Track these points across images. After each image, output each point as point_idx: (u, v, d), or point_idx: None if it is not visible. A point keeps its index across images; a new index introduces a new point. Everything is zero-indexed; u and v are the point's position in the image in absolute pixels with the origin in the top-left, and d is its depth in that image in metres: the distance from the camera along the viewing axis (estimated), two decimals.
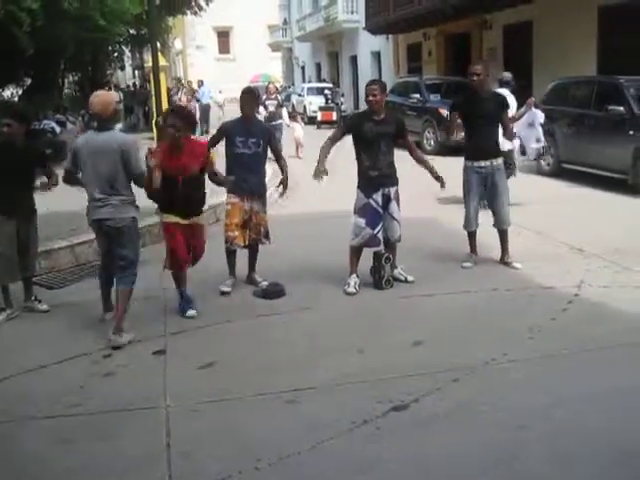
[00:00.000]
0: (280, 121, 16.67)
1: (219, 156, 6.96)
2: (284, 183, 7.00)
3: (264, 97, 16.67)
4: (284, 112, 17.43)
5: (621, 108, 11.58)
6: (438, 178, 6.92)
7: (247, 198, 6.73)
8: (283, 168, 7.01)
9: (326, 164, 6.59)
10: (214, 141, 6.91)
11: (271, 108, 16.62)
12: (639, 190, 11.12)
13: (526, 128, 10.54)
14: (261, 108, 15.63)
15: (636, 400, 4.35)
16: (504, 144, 10.14)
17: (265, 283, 6.81)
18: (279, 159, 7.07)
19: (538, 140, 10.77)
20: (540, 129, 10.71)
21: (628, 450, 3.76)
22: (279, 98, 17.42)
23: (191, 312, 6.13)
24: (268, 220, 6.96)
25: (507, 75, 10.92)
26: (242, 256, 6.97)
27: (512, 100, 10.37)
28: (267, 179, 7.33)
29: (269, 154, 6.93)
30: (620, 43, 16.49)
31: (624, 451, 3.75)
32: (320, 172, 6.55)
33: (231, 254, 6.91)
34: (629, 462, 3.66)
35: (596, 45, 17.44)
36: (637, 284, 6.65)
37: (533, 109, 10.37)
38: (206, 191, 6.37)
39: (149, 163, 5.84)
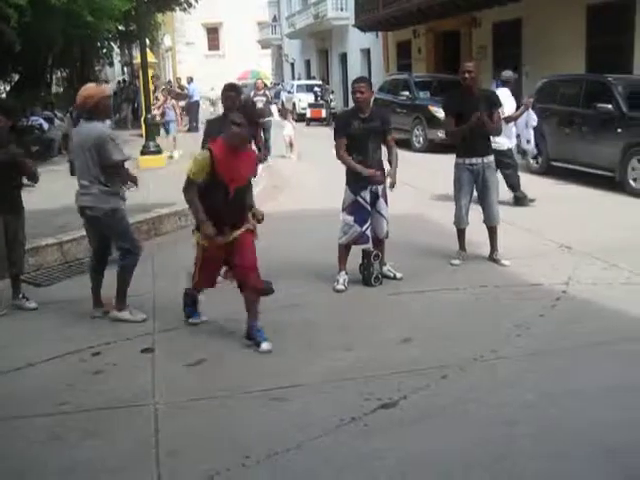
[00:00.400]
0: (269, 119, 16.23)
1: None
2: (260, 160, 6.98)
3: (252, 93, 16.38)
4: (274, 109, 17.12)
5: (609, 106, 11.64)
6: (392, 180, 6.83)
7: None
8: (260, 157, 7.06)
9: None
10: (203, 142, 6.85)
11: (259, 105, 15.65)
12: (627, 187, 11.18)
13: (524, 128, 10.59)
14: None
15: (624, 396, 4.36)
16: (504, 142, 10.20)
17: (267, 280, 6.81)
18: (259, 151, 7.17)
19: (528, 141, 10.80)
20: (532, 131, 10.74)
21: (616, 447, 3.77)
22: (268, 94, 16.98)
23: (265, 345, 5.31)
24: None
25: (508, 74, 10.88)
26: None
27: (511, 100, 10.39)
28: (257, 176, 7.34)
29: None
30: (608, 41, 16.58)
31: (612, 448, 3.76)
32: (369, 171, 6.53)
33: None
34: (616, 458, 3.67)
35: (585, 43, 17.51)
36: (624, 281, 6.69)
37: (530, 110, 10.43)
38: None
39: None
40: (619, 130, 11.35)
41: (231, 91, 6.82)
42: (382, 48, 30.49)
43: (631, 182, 11.18)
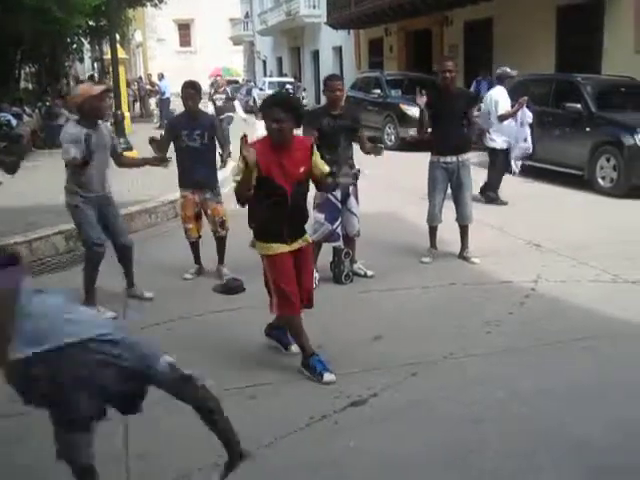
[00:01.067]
0: (229, 114, 15.65)
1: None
2: (224, 161, 7.02)
3: (212, 92, 16.08)
4: (237, 105, 16.54)
5: (578, 105, 11.76)
6: (378, 148, 6.86)
7: (197, 191, 6.87)
8: (223, 156, 7.10)
9: None
10: (165, 140, 6.88)
11: (219, 103, 15.58)
12: (595, 186, 11.31)
13: (519, 127, 10.60)
14: (209, 104, 15.28)
15: (591, 393, 4.42)
16: (499, 142, 10.25)
17: (238, 277, 6.83)
18: (223, 148, 7.21)
19: (525, 139, 10.74)
20: (528, 129, 10.73)
21: (583, 444, 3.81)
22: (228, 91, 16.53)
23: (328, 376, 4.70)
24: (224, 210, 6.97)
25: (502, 70, 10.89)
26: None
27: (506, 98, 10.42)
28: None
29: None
30: (578, 41, 16.75)
31: (579, 444, 3.81)
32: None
33: (192, 245, 7.10)
34: (584, 455, 3.71)
35: (555, 43, 17.67)
36: (592, 278, 6.76)
37: (524, 108, 10.45)
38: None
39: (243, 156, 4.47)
40: (588, 129, 11.48)
41: (191, 88, 6.83)
42: (354, 46, 30.53)
43: (599, 180, 11.32)
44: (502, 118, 10.46)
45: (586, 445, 3.80)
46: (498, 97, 10.52)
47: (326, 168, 4.91)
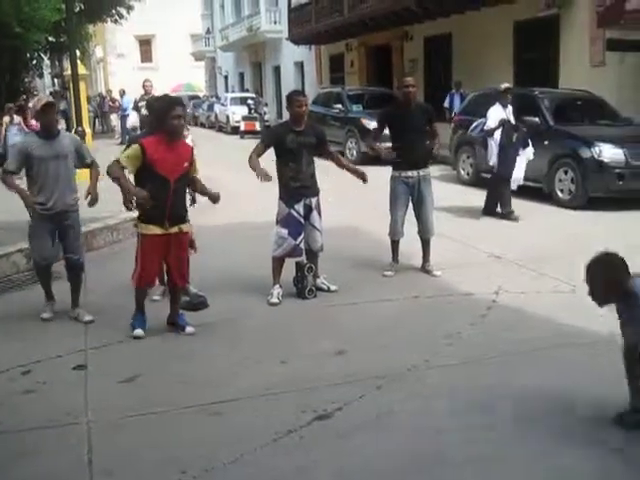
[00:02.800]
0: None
1: None
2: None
3: (137, 98, 14.61)
4: (132, 116, 14.79)
5: (536, 119, 11.94)
6: (361, 175, 7.00)
7: None
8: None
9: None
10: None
11: (144, 111, 12.84)
12: (554, 198, 11.49)
13: (517, 156, 10.46)
14: (133, 113, 14.47)
15: (553, 402, 4.48)
16: (490, 159, 10.31)
17: (201, 294, 6.77)
18: None
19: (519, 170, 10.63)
20: (523, 163, 10.60)
21: (546, 452, 3.87)
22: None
23: (138, 332, 5.83)
24: (193, 229, 6.92)
25: (497, 87, 10.93)
26: None
27: (495, 115, 10.41)
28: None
29: None
30: (535, 56, 17.05)
31: (542, 453, 3.86)
32: (263, 173, 6.51)
33: None
34: (550, 464, 3.77)
35: (513, 57, 17.95)
36: (552, 289, 6.87)
37: (529, 145, 10.44)
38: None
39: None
40: (546, 142, 11.65)
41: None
42: (315, 61, 30.69)
43: (558, 193, 11.51)
44: (487, 134, 10.57)
45: (551, 454, 3.85)
46: (489, 113, 10.58)
47: (198, 171, 5.90)
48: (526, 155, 10.52)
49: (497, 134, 10.49)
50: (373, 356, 5.33)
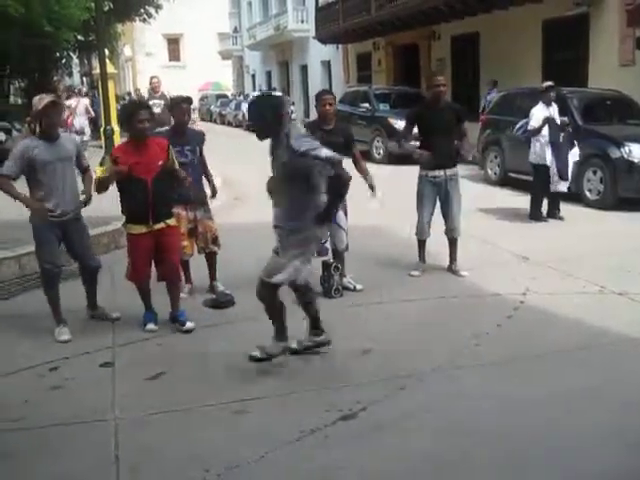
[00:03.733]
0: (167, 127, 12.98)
1: None
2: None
3: (147, 97, 13.55)
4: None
5: (565, 119, 11.81)
6: (372, 187, 6.97)
7: (190, 207, 6.71)
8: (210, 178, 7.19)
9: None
10: None
11: (156, 110, 11.71)
12: (583, 199, 11.40)
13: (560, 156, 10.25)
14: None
15: (581, 405, 4.44)
16: (533, 157, 10.18)
17: (227, 292, 6.86)
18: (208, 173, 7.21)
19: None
20: (570, 165, 10.35)
21: (572, 454, 3.84)
22: (167, 97, 12.96)
23: (150, 326, 6.02)
24: (216, 226, 6.97)
25: (545, 84, 10.65)
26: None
27: (538, 114, 10.25)
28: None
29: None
30: (564, 55, 16.90)
31: (570, 456, 3.83)
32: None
33: (185, 263, 6.86)
34: (575, 467, 3.74)
35: (541, 56, 17.81)
36: (580, 290, 6.81)
37: (575, 147, 10.28)
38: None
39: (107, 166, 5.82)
40: (575, 142, 11.52)
41: (186, 103, 6.80)
42: (342, 60, 30.66)
43: (587, 193, 11.40)
44: (532, 134, 10.46)
45: (576, 455, 3.82)
46: (532, 112, 10.44)
47: (176, 164, 6.08)
48: (572, 156, 10.35)
49: (545, 132, 10.33)
50: (398, 356, 5.32)
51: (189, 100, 6.90)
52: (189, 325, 5.98)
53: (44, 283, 6.00)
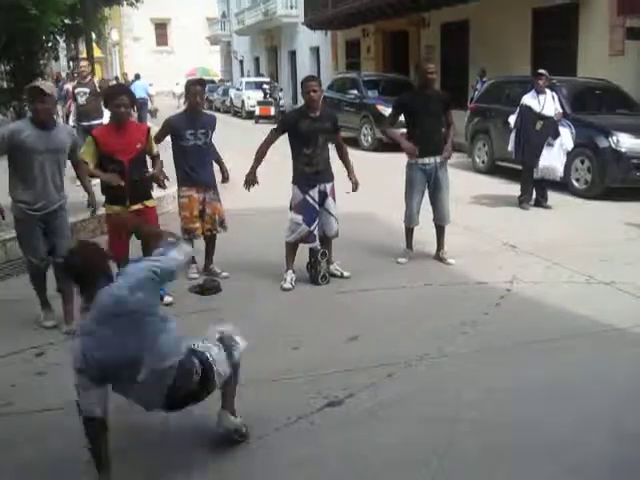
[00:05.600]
0: (100, 121, 10.34)
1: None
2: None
3: (74, 84, 11.88)
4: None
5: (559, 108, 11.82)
6: (354, 183, 7.01)
7: (200, 189, 6.82)
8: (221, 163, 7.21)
9: (259, 169, 6.67)
10: (160, 137, 6.77)
11: (81, 100, 10.76)
12: (570, 188, 11.43)
13: (549, 147, 10.29)
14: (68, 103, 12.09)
15: (566, 393, 4.46)
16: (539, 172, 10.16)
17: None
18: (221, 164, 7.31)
19: (553, 161, 10.41)
20: (560, 152, 10.42)
21: (555, 442, 3.86)
22: (96, 84, 11.65)
23: None
24: (224, 209, 7.09)
25: (539, 72, 10.64)
26: None
27: (526, 102, 10.31)
28: None
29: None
30: (553, 44, 16.89)
31: (554, 443, 3.84)
32: (251, 181, 6.66)
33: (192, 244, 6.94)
34: (559, 454, 3.75)
35: (531, 45, 17.80)
36: (567, 279, 6.83)
37: (567, 132, 10.29)
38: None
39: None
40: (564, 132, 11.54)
41: (198, 85, 6.88)
42: (331, 46, 30.58)
43: (574, 182, 11.43)
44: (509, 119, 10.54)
45: (561, 444, 3.84)
46: (522, 100, 10.44)
47: (154, 150, 6.22)
48: (563, 145, 10.32)
49: (512, 119, 10.45)
50: (385, 343, 5.32)
51: (201, 82, 7.01)
52: (167, 299, 6.07)
53: (30, 274, 5.85)
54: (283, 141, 6.78)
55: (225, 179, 7.21)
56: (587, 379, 4.66)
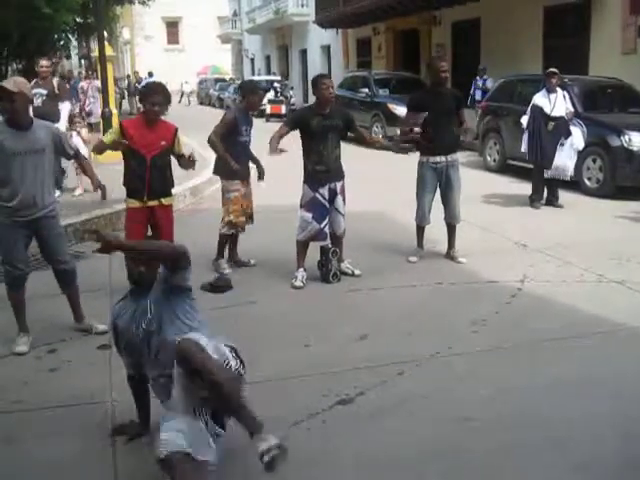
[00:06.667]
0: (56, 125, 8.93)
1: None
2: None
3: (32, 84, 10.03)
4: (64, 109, 10.64)
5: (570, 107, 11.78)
6: (403, 148, 7.13)
7: (244, 184, 7.15)
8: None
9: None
10: (224, 132, 6.90)
11: (37, 101, 9.77)
12: (582, 187, 11.40)
13: (560, 147, 10.23)
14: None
15: (576, 391, 4.45)
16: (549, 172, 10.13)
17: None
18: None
19: (564, 161, 10.33)
20: (572, 152, 10.34)
21: (567, 440, 3.85)
22: (55, 84, 10.64)
23: None
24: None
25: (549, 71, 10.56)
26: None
27: (537, 101, 10.29)
28: None
29: None
30: (565, 42, 16.83)
31: (564, 442, 3.84)
32: (275, 148, 6.61)
33: (234, 237, 7.36)
34: (569, 452, 3.75)
35: (542, 43, 17.74)
36: (578, 278, 6.81)
37: (577, 131, 10.22)
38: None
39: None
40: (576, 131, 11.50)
41: (259, 89, 7.43)
42: (342, 45, 30.56)
43: (586, 181, 11.39)
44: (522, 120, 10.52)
45: (571, 442, 3.83)
46: (533, 99, 10.41)
47: (183, 150, 6.28)
48: (574, 145, 10.25)
49: (524, 119, 10.42)
50: (396, 341, 5.32)
51: (265, 89, 7.20)
52: None
53: (5, 284, 5.40)
54: (293, 139, 6.78)
55: (262, 176, 7.43)
56: (598, 378, 4.65)
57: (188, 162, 6.25)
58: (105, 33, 19.84)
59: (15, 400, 4.45)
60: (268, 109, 28.49)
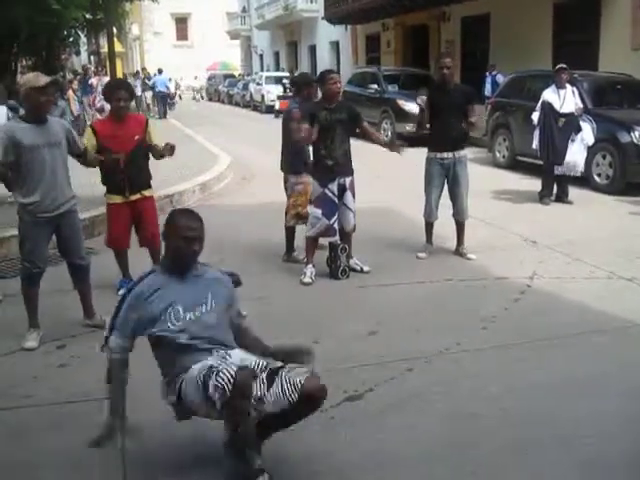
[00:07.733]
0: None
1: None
2: None
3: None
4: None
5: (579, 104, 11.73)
6: (397, 148, 7.08)
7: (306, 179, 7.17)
8: None
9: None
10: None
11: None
12: (592, 183, 11.36)
13: (570, 143, 10.19)
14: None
15: (585, 389, 4.44)
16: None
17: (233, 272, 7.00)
18: None
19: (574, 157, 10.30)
20: (581, 147, 10.31)
21: (576, 438, 3.84)
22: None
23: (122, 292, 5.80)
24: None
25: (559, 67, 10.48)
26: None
27: (547, 97, 10.24)
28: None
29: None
30: (574, 38, 16.78)
31: (572, 439, 3.83)
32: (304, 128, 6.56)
33: (292, 230, 7.41)
34: (577, 450, 3.74)
35: (552, 39, 17.69)
36: (587, 275, 6.79)
37: (587, 126, 10.14)
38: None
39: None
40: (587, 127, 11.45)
41: (314, 82, 7.23)
42: (351, 41, 30.51)
43: (595, 177, 11.36)
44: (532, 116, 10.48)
45: (577, 440, 3.82)
46: (543, 95, 10.36)
47: (155, 140, 6.27)
48: (584, 140, 10.20)
49: (535, 116, 10.37)
50: (405, 338, 5.32)
51: (315, 80, 7.22)
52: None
53: (22, 280, 5.44)
54: None
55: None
56: (606, 375, 4.63)
57: (160, 150, 6.21)
58: (114, 29, 19.92)
59: (24, 395, 4.47)
60: (277, 105, 28.47)
